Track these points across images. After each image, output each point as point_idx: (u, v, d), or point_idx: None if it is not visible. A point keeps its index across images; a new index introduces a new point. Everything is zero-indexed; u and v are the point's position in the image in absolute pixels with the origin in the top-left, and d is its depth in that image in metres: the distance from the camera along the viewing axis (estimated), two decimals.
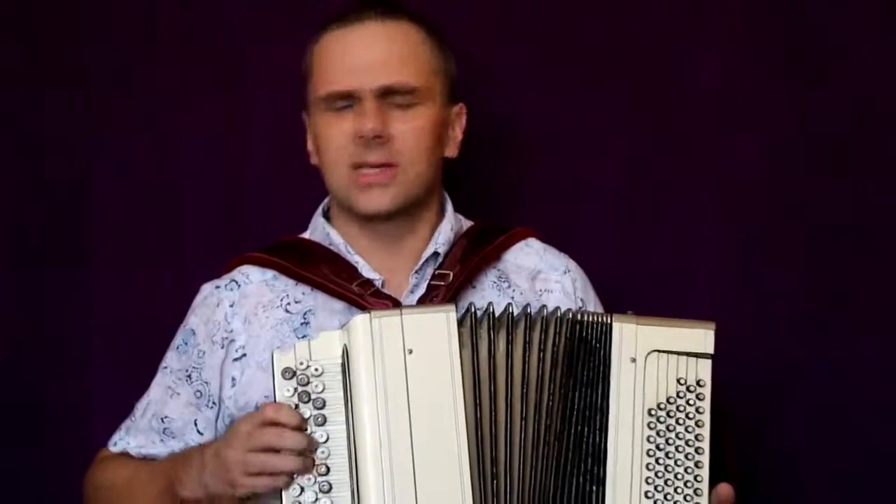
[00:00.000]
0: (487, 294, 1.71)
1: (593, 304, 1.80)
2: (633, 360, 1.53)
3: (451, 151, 1.77)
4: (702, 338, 1.54)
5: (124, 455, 1.76)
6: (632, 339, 1.53)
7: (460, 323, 1.51)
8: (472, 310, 1.53)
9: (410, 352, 1.49)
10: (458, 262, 1.72)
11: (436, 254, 1.73)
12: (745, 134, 2.08)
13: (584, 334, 1.54)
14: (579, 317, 1.55)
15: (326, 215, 1.78)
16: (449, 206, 1.78)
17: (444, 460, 1.47)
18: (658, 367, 1.53)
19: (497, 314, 1.54)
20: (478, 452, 1.49)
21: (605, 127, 2.09)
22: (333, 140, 1.70)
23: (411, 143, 1.68)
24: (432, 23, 1.75)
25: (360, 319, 1.49)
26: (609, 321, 1.54)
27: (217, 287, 1.75)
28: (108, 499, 1.72)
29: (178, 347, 1.76)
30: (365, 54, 1.68)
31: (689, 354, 1.54)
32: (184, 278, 2.07)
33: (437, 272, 1.71)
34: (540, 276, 1.77)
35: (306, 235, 1.79)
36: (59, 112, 2.10)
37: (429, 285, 1.70)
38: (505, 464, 1.50)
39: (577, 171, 2.09)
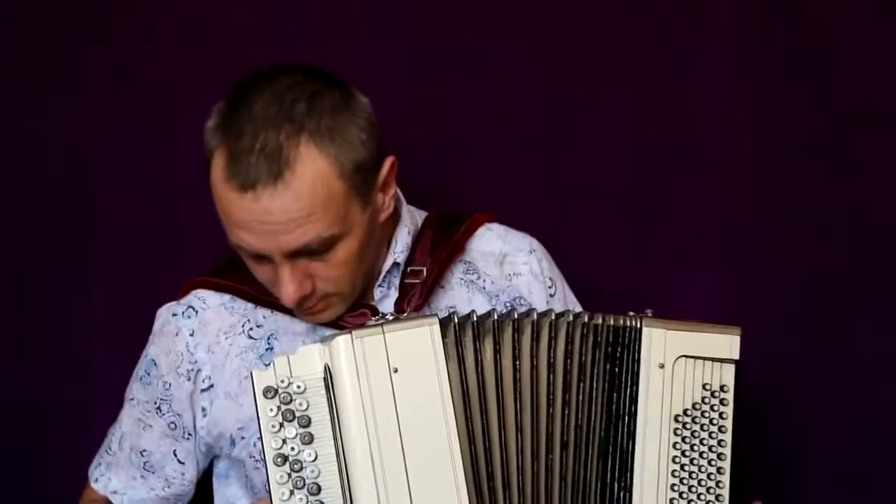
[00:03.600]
0: (457, 293, 1.68)
1: (560, 283, 1.78)
2: (662, 366, 1.52)
3: (386, 214, 1.62)
4: (728, 343, 1.54)
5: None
6: (661, 344, 1.52)
7: (444, 334, 1.47)
8: (454, 319, 1.49)
9: (396, 370, 1.45)
10: (428, 255, 1.67)
11: (396, 263, 1.67)
12: (745, 134, 2.08)
13: (613, 338, 1.53)
14: (611, 321, 1.53)
15: None
16: (404, 209, 1.69)
17: (438, 475, 1.45)
18: (685, 372, 1.52)
19: (494, 319, 1.50)
20: (473, 467, 1.46)
21: (605, 127, 2.09)
22: (259, 278, 1.59)
23: (339, 279, 1.56)
24: (333, 98, 1.54)
25: (342, 340, 1.45)
26: (639, 325, 1.52)
27: (174, 315, 1.68)
28: None
29: (141, 378, 1.71)
30: (265, 225, 1.49)
31: (714, 360, 1.53)
32: (184, 278, 2.07)
33: (409, 269, 1.66)
34: (507, 260, 1.74)
35: None
36: (59, 112, 2.10)
37: (404, 284, 1.65)
38: (502, 477, 1.48)
39: (577, 171, 2.09)
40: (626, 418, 1.51)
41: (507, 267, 1.73)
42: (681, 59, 2.08)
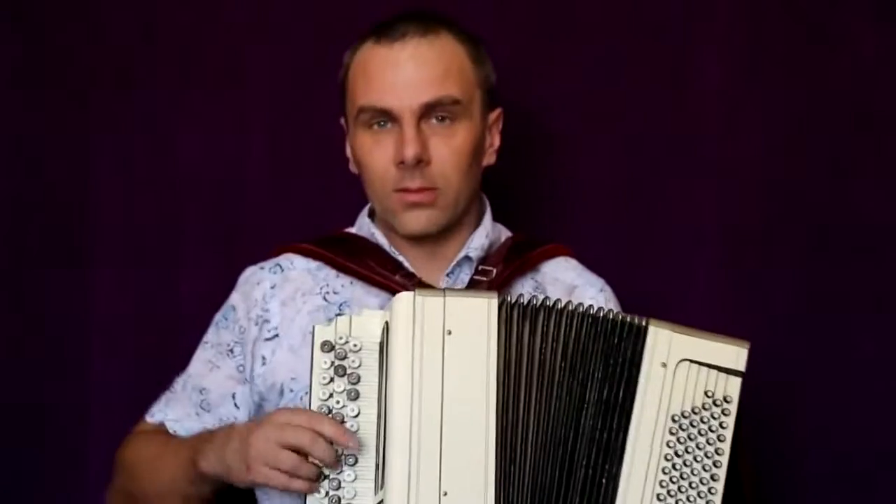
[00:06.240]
0: None
1: None
2: (664, 365, 1.53)
3: (489, 160, 1.78)
4: (734, 355, 1.55)
5: (159, 430, 1.76)
6: (665, 344, 1.54)
7: (499, 310, 1.53)
8: (508, 299, 1.54)
9: (450, 332, 1.51)
10: (501, 260, 1.74)
11: (468, 258, 1.74)
12: (745, 134, 2.08)
13: (618, 332, 1.55)
14: (616, 316, 1.56)
15: (371, 216, 1.79)
16: (487, 214, 1.79)
17: (470, 442, 1.49)
18: (688, 376, 1.54)
19: (533, 305, 1.55)
20: (502, 437, 1.50)
21: (605, 127, 2.09)
22: (374, 164, 1.70)
23: (451, 166, 1.69)
24: (470, 32, 1.75)
25: (405, 296, 1.52)
26: (645, 324, 1.55)
27: (261, 268, 1.77)
28: (136, 471, 1.73)
29: (218, 323, 1.78)
30: (406, 73, 1.68)
31: (720, 369, 1.54)
32: (184, 278, 2.08)
33: (481, 268, 1.73)
34: (576, 291, 1.78)
35: (352, 230, 1.81)
36: (59, 112, 2.10)
37: (471, 279, 1.72)
38: (521, 450, 1.51)
39: (577, 171, 2.09)
40: (616, 410, 1.53)
41: (576, 298, 1.74)
42: (681, 59, 2.08)
